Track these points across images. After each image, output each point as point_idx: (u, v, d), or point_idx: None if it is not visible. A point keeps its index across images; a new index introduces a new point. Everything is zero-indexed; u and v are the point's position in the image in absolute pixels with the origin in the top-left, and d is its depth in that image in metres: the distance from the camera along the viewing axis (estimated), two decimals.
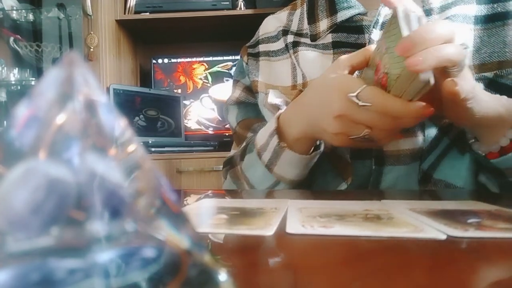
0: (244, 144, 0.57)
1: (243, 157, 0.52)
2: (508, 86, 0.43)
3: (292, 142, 0.44)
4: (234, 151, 0.63)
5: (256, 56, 0.62)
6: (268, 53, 0.61)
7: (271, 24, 0.64)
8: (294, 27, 0.60)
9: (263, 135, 0.48)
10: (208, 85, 1.81)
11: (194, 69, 1.82)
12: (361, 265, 0.17)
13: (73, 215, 0.10)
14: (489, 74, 0.44)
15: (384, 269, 0.16)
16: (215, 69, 1.80)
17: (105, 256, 0.10)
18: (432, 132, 0.45)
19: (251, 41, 0.65)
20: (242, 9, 1.67)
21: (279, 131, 0.46)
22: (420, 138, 0.45)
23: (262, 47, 0.62)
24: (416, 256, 0.18)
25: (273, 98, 0.54)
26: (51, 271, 0.10)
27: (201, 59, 1.82)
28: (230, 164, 0.58)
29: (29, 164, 0.11)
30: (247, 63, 0.63)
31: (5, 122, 1.51)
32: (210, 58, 1.81)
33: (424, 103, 0.34)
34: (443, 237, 0.19)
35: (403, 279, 0.15)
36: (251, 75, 0.61)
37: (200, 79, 1.82)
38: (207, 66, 1.82)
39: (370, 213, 0.26)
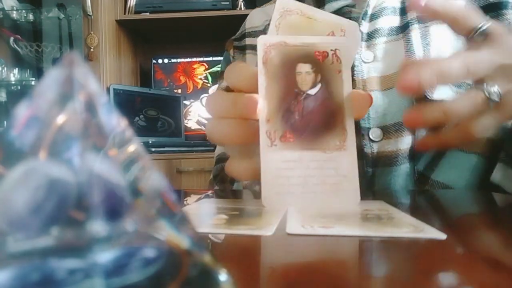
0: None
1: (232, 181, 0.52)
2: None
3: None
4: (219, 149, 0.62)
5: (242, 49, 0.61)
6: (254, 47, 0.59)
7: (257, 18, 0.62)
8: None
9: None
10: (208, 85, 1.81)
11: (194, 69, 1.83)
12: (361, 265, 0.17)
13: (73, 215, 0.10)
14: None
15: (384, 269, 0.16)
16: (215, 69, 1.80)
17: (105, 256, 0.10)
18: (422, 131, 0.43)
19: (237, 34, 0.63)
20: (242, 9, 1.67)
21: None
22: (411, 137, 0.43)
23: (248, 41, 0.61)
24: (416, 256, 0.18)
25: None
26: (51, 272, 0.10)
27: (201, 59, 1.82)
28: (220, 176, 0.57)
29: (29, 164, 0.11)
30: (233, 57, 0.62)
31: (5, 122, 1.52)
32: (210, 58, 1.81)
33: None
34: (443, 237, 0.19)
35: (403, 279, 0.15)
36: None
37: (200, 79, 1.82)
38: (207, 66, 1.82)
39: (370, 213, 0.26)
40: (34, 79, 1.63)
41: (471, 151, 0.42)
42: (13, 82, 1.63)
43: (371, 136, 0.44)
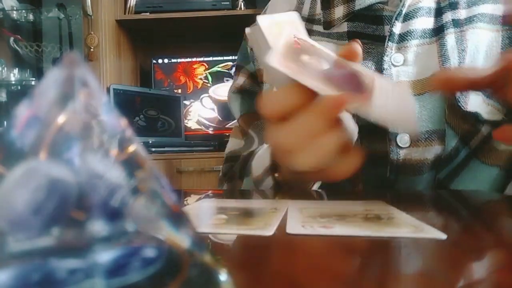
0: (241, 159, 0.53)
1: (242, 177, 0.49)
2: None
3: (290, 175, 0.39)
4: (236, 140, 0.59)
5: None
6: None
7: (280, 6, 0.57)
8: (305, 12, 0.54)
9: (258, 166, 0.45)
10: (208, 85, 1.81)
11: (194, 69, 1.82)
12: (361, 265, 0.17)
13: (73, 215, 0.10)
14: None
15: (384, 269, 0.16)
16: (215, 69, 1.80)
17: (105, 256, 0.10)
18: (452, 141, 0.41)
19: None
20: (242, 9, 1.67)
21: (274, 167, 0.42)
22: (440, 147, 0.42)
23: None
24: (416, 256, 0.18)
25: None
26: (51, 271, 0.10)
27: (201, 59, 1.82)
28: (230, 174, 0.54)
29: (30, 164, 0.11)
30: (252, 49, 0.57)
31: (5, 122, 1.51)
32: (210, 58, 1.81)
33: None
34: (444, 237, 0.19)
35: (403, 279, 0.15)
36: (256, 62, 0.56)
37: (200, 79, 1.82)
38: (207, 66, 1.82)
39: (370, 213, 0.26)
40: (34, 79, 1.63)
41: (494, 163, 0.41)
42: (13, 82, 1.63)
43: (398, 142, 0.42)
